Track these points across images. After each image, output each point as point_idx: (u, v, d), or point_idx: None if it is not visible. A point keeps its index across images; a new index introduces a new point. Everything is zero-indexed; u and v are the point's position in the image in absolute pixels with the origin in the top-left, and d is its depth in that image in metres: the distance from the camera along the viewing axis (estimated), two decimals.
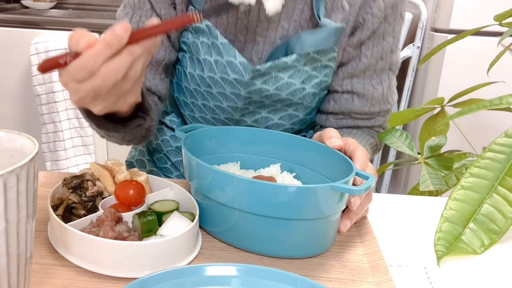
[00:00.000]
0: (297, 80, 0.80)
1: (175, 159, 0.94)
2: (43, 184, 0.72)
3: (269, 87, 0.80)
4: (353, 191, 0.55)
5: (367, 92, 0.86)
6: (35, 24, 1.81)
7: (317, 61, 0.80)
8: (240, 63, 0.78)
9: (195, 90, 0.85)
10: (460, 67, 1.72)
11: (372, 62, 0.84)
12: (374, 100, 0.87)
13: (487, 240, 0.64)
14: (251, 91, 0.81)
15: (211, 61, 0.80)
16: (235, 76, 0.79)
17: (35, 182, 0.42)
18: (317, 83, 0.83)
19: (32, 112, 1.90)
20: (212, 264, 0.49)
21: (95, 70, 0.52)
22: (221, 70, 0.80)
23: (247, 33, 0.80)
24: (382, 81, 0.86)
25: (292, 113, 0.86)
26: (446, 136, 1.07)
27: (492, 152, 0.67)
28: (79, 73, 0.52)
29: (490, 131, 1.55)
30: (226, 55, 0.79)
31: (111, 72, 0.52)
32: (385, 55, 0.84)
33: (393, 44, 0.84)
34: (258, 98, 0.82)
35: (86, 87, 0.53)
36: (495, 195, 0.65)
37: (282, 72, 0.79)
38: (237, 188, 0.56)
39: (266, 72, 0.78)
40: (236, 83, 0.80)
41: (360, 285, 0.54)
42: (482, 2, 1.64)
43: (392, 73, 0.88)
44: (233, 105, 0.83)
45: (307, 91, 0.83)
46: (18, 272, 0.42)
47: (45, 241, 0.57)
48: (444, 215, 0.65)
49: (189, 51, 0.83)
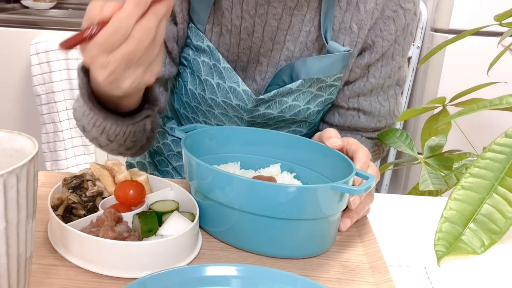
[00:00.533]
0: (302, 102, 0.79)
1: (176, 164, 0.93)
2: (43, 184, 0.72)
3: (272, 111, 0.80)
4: (353, 191, 0.55)
5: (374, 109, 0.85)
6: (35, 24, 1.81)
7: (322, 82, 0.78)
8: (243, 91, 0.77)
9: (196, 108, 0.84)
10: (460, 67, 1.72)
11: (380, 82, 0.82)
12: (381, 117, 0.86)
13: (487, 240, 0.64)
14: (254, 116, 0.80)
15: (213, 84, 0.78)
16: (237, 102, 0.78)
17: (35, 182, 0.42)
18: (322, 101, 0.82)
19: (32, 112, 1.90)
20: (212, 264, 0.49)
21: (129, 32, 0.49)
22: (223, 95, 0.78)
23: (250, 53, 0.79)
24: (389, 97, 0.85)
25: (295, 129, 0.86)
26: (446, 136, 1.07)
27: (492, 152, 0.67)
28: (113, 38, 0.49)
29: (490, 131, 1.55)
30: (228, 80, 0.77)
31: (144, 33, 0.50)
32: (394, 74, 0.83)
33: (402, 61, 0.83)
34: (262, 120, 0.82)
35: (119, 55, 0.50)
36: (495, 195, 0.65)
37: (286, 96, 0.78)
38: (237, 188, 0.56)
39: (270, 99, 0.78)
40: (239, 109, 0.79)
41: (360, 285, 0.54)
42: (482, 2, 1.64)
43: (399, 87, 0.86)
44: (236, 126, 0.83)
45: (311, 110, 0.82)
46: (18, 272, 0.42)
47: (45, 241, 0.57)
48: (444, 215, 0.65)
49: (189, 67, 0.81)
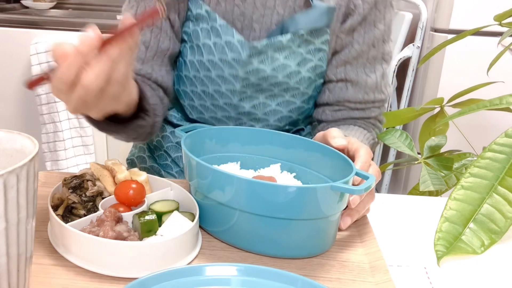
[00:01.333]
0: (293, 62, 0.83)
1: (175, 155, 0.95)
2: (43, 184, 0.72)
3: (266, 67, 0.83)
4: (353, 191, 0.55)
5: (360, 79, 0.87)
6: (35, 24, 1.81)
7: (311, 43, 0.83)
8: (238, 41, 0.81)
9: (194, 77, 0.87)
10: (460, 67, 1.72)
11: (364, 48, 0.86)
12: (367, 88, 0.88)
13: (487, 240, 0.64)
14: (248, 71, 0.83)
15: (210, 44, 0.83)
16: (233, 55, 0.82)
17: (35, 182, 0.42)
18: (312, 67, 0.85)
19: (32, 112, 1.90)
20: (212, 264, 0.49)
21: (73, 80, 0.52)
22: (220, 51, 0.82)
23: (244, 20, 0.84)
24: (375, 69, 0.89)
25: (289, 100, 0.88)
26: (446, 136, 1.07)
27: (492, 152, 0.67)
28: (60, 85, 0.52)
29: (490, 131, 1.55)
30: (224, 35, 0.82)
31: (92, 79, 0.51)
32: (377, 42, 0.87)
33: (385, 33, 0.87)
34: (256, 80, 0.84)
35: (74, 97, 0.53)
36: (495, 195, 0.65)
37: (278, 52, 0.82)
38: (237, 188, 0.56)
39: (262, 50, 0.81)
40: (234, 63, 0.82)
41: (360, 285, 0.54)
42: (482, 2, 1.64)
43: (385, 62, 0.90)
44: (232, 88, 0.85)
45: (302, 74, 0.85)
46: (18, 272, 0.42)
47: (45, 241, 0.57)
48: (444, 215, 0.65)
49: (189, 40, 0.85)
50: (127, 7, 0.84)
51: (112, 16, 2.09)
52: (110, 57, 0.52)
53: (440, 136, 1.07)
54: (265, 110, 0.88)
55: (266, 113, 0.88)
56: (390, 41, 0.90)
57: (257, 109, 0.88)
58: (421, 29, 1.80)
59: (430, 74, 1.80)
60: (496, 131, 0.84)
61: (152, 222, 0.56)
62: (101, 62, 0.51)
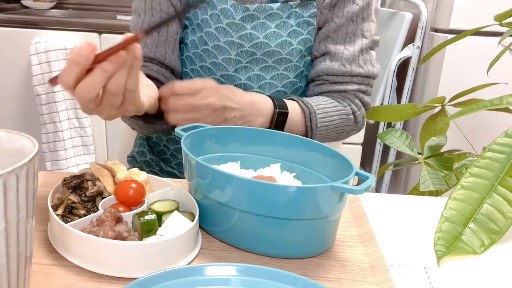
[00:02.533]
0: (284, 32, 0.90)
1: (174, 147, 0.99)
2: (43, 184, 0.72)
3: (258, 34, 0.89)
4: (353, 191, 0.55)
5: (338, 51, 0.92)
6: (35, 24, 1.81)
7: (300, 16, 0.91)
8: (231, 5, 0.89)
9: (193, 54, 0.93)
10: (460, 67, 1.72)
11: (343, 22, 0.91)
12: (344, 60, 0.92)
13: (487, 240, 0.64)
14: (242, 36, 0.89)
15: (207, 18, 0.90)
16: (227, 21, 0.89)
17: (35, 182, 0.42)
18: (303, 40, 0.92)
19: (32, 112, 1.90)
20: (212, 264, 0.49)
21: (71, 87, 0.58)
22: (215, 20, 0.89)
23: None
24: (354, 44, 0.93)
25: (283, 73, 0.92)
26: (446, 136, 1.07)
27: (492, 152, 0.67)
28: (65, 89, 0.59)
29: (490, 131, 1.55)
30: (219, 4, 0.89)
31: (85, 89, 0.57)
32: (356, 17, 0.92)
33: (364, 10, 0.92)
34: (249, 46, 0.90)
35: (79, 101, 0.60)
36: (495, 195, 0.65)
37: (269, 20, 0.89)
38: (237, 188, 0.56)
39: (254, 14, 0.89)
40: (228, 28, 0.89)
41: (360, 285, 0.54)
42: (482, 2, 1.64)
43: (365, 39, 0.94)
44: (227, 57, 0.91)
45: (294, 46, 0.91)
46: (18, 272, 0.42)
47: (45, 241, 0.57)
48: (444, 215, 0.65)
49: (190, 24, 0.93)
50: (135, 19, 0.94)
51: (112, 16, 2.09)
52: (104, 71, 0.56)
53: (440, 136, 1.07)
54: (260, 83, 0.92)
55: (261, 86, 0.92)
56: (372, 21, 0.95)
57: (252, 82, 0.92)
58: (421, 29, 1.80)
59: (430, 74, 1.80)
60: (496, 131, 0.84)
61: (152, 222, 0.56)
62: (95, 74, 0.57)
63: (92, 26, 1.79)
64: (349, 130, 0.97)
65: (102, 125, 1.92)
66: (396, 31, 1.88)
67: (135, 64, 0.59)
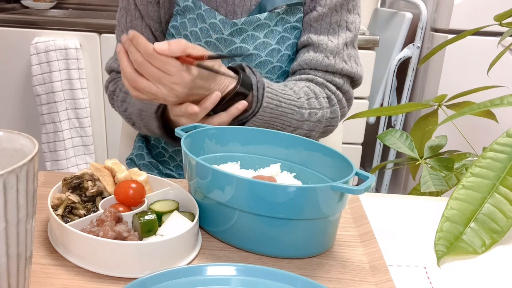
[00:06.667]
0: (273, 40, 0.90)
1: (172, 149, 0.98)
2: (43, 184, 0.72)
3: (248, 46, 0.89)
4: (353, 191, 0.55)
5: (321, 42, 0.90)
6: (35, 24, 1.81)
7: (287, 21, 0.90)
8: (220, 20, 0.88)
9: None
10: (460, 67, 1.72)
11: (326, 11, 0.89)
12: (328, 52, 0.90)
13: (488, 239, 0.64)
14: (232, 50, 0.88)
15: (197, 30, 0.90)
16: (216, 36, 0.89)
17: (35, 182, 0.42)
18: (290, 45, 0.92)
19: (32, 112, 1.90)
20: (212, 264, 0.49)
21: (135, 80, 0.71)
22: (205, 34, 0.89)
23: (227, 6, 0.90)
24: (338, 36, 0.91)
25: (278, 81, 0.92)
26: (446, 137, 1.07)
27: (493, 151, 0.67)
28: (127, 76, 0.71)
29: (490, 131, 1.55)
30: (208, 18, 0.88)
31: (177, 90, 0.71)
32: (340, 8, 0.90)
33: (350, 3, 0.91)
34: (241, 60, 0.89)
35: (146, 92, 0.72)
36: (496, 195, 0.65)
37: (258, 31, 0.89)
38: (237, 188, 0.56)
39: (243, 28, 0.88)
40: (218, 43, 0.89)
41: (360, 285, 0.54)
42: (482, 2, 1.64)
43: (349, 32, 0.92)
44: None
45: (282, 52, 0.91)
46: (18, 272, 0.42)
47: (45, 241, 0.57)
48: (445, 214, 0.65)
49: (177, 33, 0.92)
50: (119, 16, 0.95)
51: (112, 16, 2.09)
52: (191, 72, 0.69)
53: (440, 136, 1.07)
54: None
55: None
56: (357, 15, 0.93)
57: None
58: (421, 29, 1.80)
59: (430, 74, 1.80)
60: (496, 131, 0.84)
61: (152, 222, 0.56)
62: (184, 74, 0.69)
63: (92, 26, 1.79)
64: (317, 120, 0.90)
65: (102, 125, 1.93)
66: (396, 31, 1.88)
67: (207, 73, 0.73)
